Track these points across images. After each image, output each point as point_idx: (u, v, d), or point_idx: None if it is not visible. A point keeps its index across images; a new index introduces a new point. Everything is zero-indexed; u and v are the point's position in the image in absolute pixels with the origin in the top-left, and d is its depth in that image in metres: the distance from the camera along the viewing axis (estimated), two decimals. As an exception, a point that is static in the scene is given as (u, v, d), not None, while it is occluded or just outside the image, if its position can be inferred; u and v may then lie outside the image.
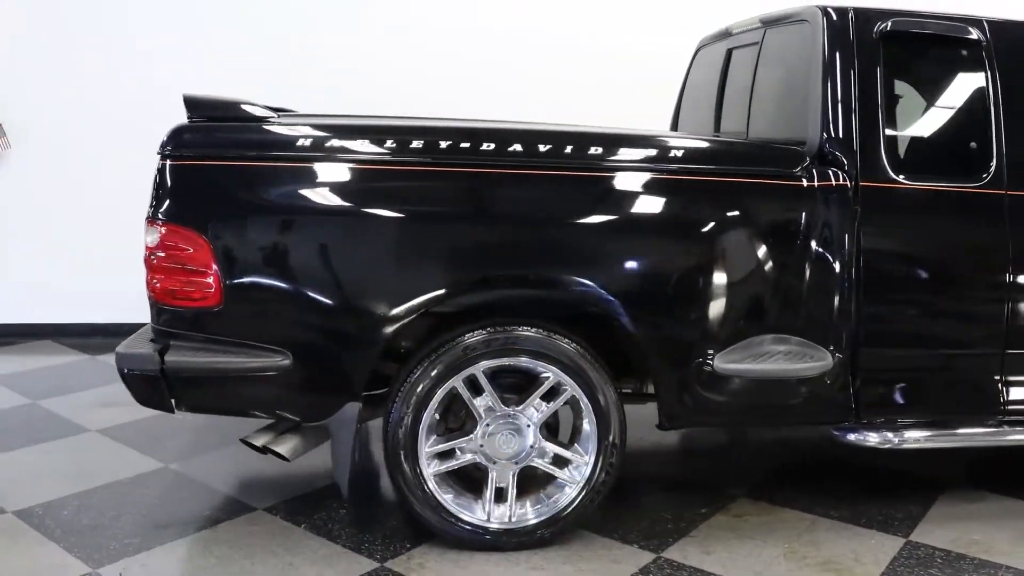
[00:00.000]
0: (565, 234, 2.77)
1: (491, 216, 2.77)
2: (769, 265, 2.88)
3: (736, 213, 2.85)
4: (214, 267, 2.64)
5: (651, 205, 2.82)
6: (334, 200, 2.70)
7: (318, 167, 2.69)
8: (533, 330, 2.78)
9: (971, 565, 2.87)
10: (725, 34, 3.83)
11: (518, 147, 2.74)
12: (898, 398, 3.09)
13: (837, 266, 2.90)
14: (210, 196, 2.70)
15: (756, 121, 3.44)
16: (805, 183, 2.88)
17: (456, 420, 2.92)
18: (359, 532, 2.98)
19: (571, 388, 2.81)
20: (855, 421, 3.05)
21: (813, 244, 2.89)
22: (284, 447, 2.87)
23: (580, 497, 2.86)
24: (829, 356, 2.92)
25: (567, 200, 2.76)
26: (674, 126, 4.28)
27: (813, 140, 2.97)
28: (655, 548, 2.92)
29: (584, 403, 2.83)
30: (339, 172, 2.70)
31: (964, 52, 3.10)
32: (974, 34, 3.08)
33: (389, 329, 2.69)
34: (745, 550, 2.93)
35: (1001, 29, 3.13)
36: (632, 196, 2.80)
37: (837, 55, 2.98)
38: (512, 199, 2.76)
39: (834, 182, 2.89)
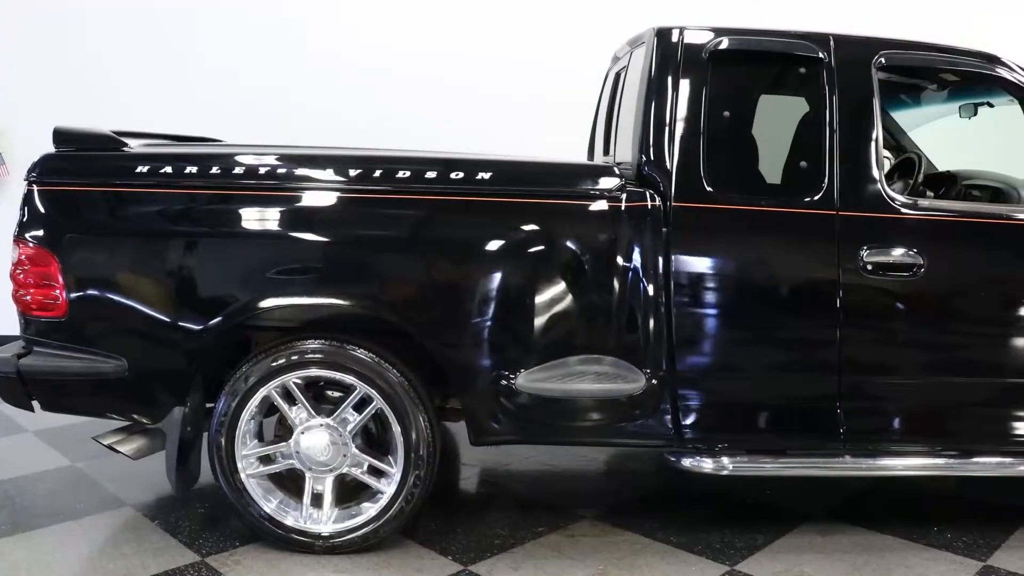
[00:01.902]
0: (356, 254, 2.88)
1: (288, 237, 2.90)
2: (579, 286, 2.90)
3: (545, 234, 2.89)
4: (60, 282, 2.94)
5: (453, 227, 2.90)
6: (156, 222, 2.93)
7: (146, 193, 2.93)
8: (329, 344, 2.91)
9: (783, 597, 2.79)
10: (615, 57, 3.87)
11: (313, 171, 2.90)
12: (725, 423, 3.04)
13: (650, 288, 2.89)
14: (61, 218, 2.99)
15: (619, 144, 3.46)
16: (616, 204, 2.90)
17: (282, 428, 3.09)
18: (202, 530, 3.19)
19: (376, 400, 2.93)
20: (678, 445, 3.03)
21: (625, 265, 2.89)
22: (128, 447, 3.12)
23: (391, 506, 2.96)
24: (643, 378, 2.91)
25: (364, 222, 2.89)
26: (591, 149, 4.32)
27: (633, 161, 2.99)
28: (466, 561, 2.97)
29: (389, 415, 2.93)
30: (163, 197, 2.92)
31: (803, 70, 3.03)
32: (815, 52, 3.01)
33: (203, 340, 2.90)
34: (555, 569, 2.94)
35: (848, 46, 3.05)
36: (433, 218, 2.89)
37: (661, 76, 2.99)
38: (308, 221, 2.89)
39: (646, 203, 2.90)
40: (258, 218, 2.92)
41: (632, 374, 2.92)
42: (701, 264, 2.93)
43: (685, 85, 2.96)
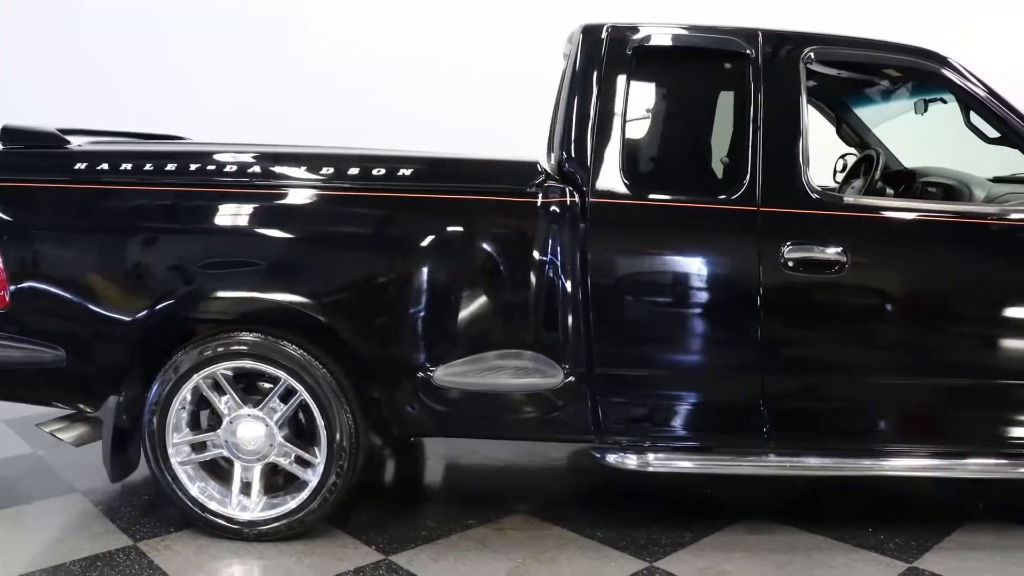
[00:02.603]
0: (282, 250, 2.93)
1: (219, 232, 2.97)
2: (498, 281, 2.93)
3: (462, 230, 2.92)
4: (3, 275, 3.05)
5: (374, 223, 2.95)
6: (92, 217, 3.01)
7: (83, 189, 3.02)
8: (256, 337, 2.97)
9: (693, 595, 2.79)
10: (564, 55, 3.87)
11: (243, 168, 2.96)
12: (646, 419, 3.04)
13: (568, 283, 2.91)
14: (5, 214, 3.12)
15: (555, 140, 3.47)
16: (534, 200, 2.91)
17: (214, 417, 3.17)
18: (141, 516, 3.28)
19: (300, 392, 2.99)
20: (599, 441, 3.04)
21: (543, 261, 2.91)
22: (69, 434, 3.22)
23: (315, 495, 3.01)
24: (562, 373, 2.93)
25: (288, 218, 2.94)
26: (549, 144, 4.32)
27: (556, 157, 3.00)
28: (388, 551, 3.01)
29: (312, 406, 2.99)
30: (99, 193, 3.01)
31: (729, 65, 3.02)
32: (742, 48, 2.99)
33: (137, 332, 2.98)
34: (475, 561, 2.97)
35: (777, 42, 3.03)
36: (353, 214, 2.94)
37: (583, 73, 3.01)
38: (237, 217, 2.95)
39: (564, 199, 2.91)
40: (190, 214, 2.99)
41: (551, 369, 2.93)
42: (618, 260, 2.94)
43: (607, 82, 2.97)
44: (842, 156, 4.36)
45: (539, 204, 2.90)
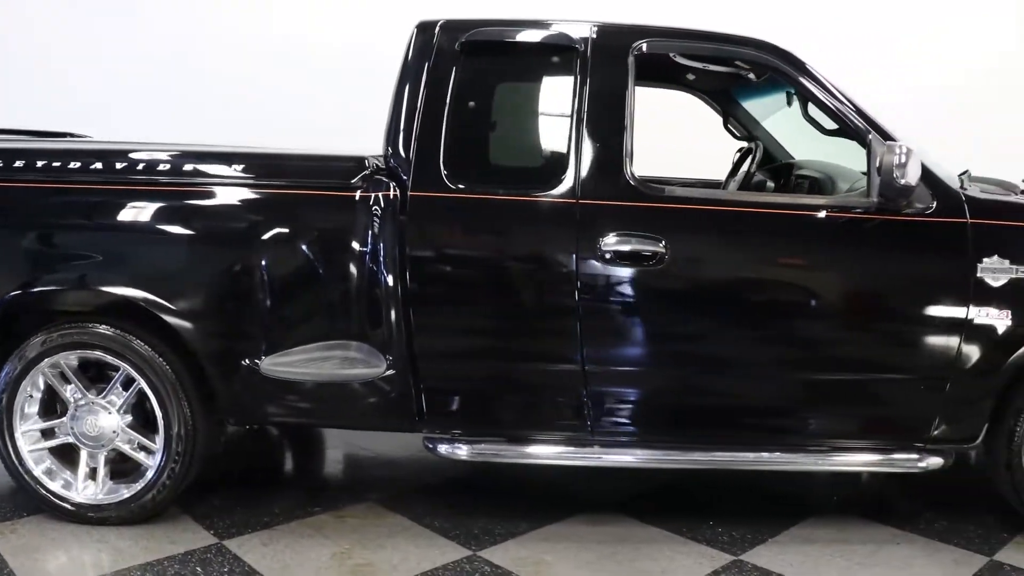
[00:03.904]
0: (120, 245, 3.01)
1: (62, 226, 3.06)
2: (322, 275, 2.99)
3: (288, 224, 2.98)
4: None
5: (205, 218, 3.00)
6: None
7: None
8: (104, 328, 3.04)
9: (507, 583, 2.83)
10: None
11: (84, 164, 3.03)
12: (468, 410, 3.08)
13: (389, 277, 2.95)
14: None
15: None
16: (356, 195, 2.96)
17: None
18: (2, 503, 3.39)
19: (139, 381, 3.07)
20: (427, 431, 3.09)
21: (365, 255, 2.96)
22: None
23: (155, 482, 3.10)
24: (385, 363, 2.98)
25: (123, 212, 2.99)
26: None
27: (384, 152, 3.05)
28: (224, 536, 3.09)
29: (150, 396, 3.07)
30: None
31: (556, 59, 3.04)
32: (570, 41, 3.01)
33: None
34: (304, 547, 3.03)
35: (607, 35, 3.04)
36: (186, 209, 3.00)
37: (411, 69, 3.04)
38: (77, 211, 3.04)
39: (387, 193, 2.95)
40: (46, 209, 3.07)
41: (375, 359, 2.99)
42: (437, 253, 2.98)
43: (433, 77, 3.00)
44: (739, 150, 4.34)
45: (359, 198, 2.95)
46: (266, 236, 2.98)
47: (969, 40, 5.95)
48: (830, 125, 3.18)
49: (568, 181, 2.92)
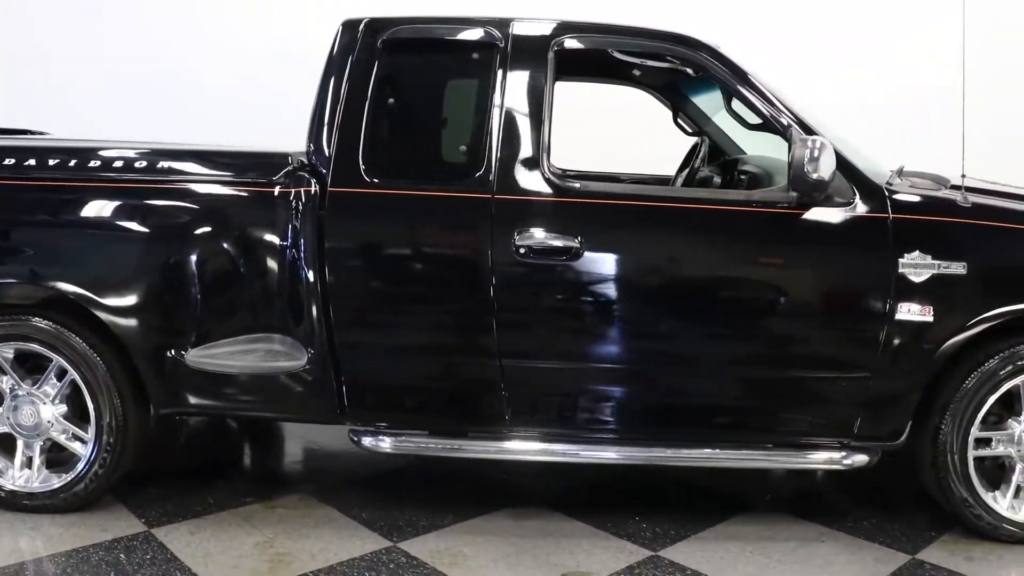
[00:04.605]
0: (50, 240, 3.08)
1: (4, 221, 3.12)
2: (245, 269, 3.04)
3: (213, 220, 3.04)
4: None
5: (133, 213, 3.05)
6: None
7: None
8: (40, 322, 3.11)
9: (421, 574, 2.84)
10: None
11: (19, 161, 3.09)
12: (388, 403, 3.12)
13: (309, 272, 2.99)
14: None
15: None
16: (280, 190, 3.01)
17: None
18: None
19: (71, 372, 3.14)
20: (351, 423, 3.13)
21: (287, 250, 3.01)
22: None
23: (87, 471, 3.17)
24: (306, 356, 3.02)
25: (53, 208, 3.08)
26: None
27: (306, 149, 3.08)
28: (154, 524, 3.15)
29: (82, 387, 3.14)
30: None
31: (476, 56, 3.06)
32: (490, 37, 3.03)
33: None
34: (229, 536, 3.08)
35: (528, 30, 3.05)
36: (115, 205, 3.05)
37: (334, 66, 3.08)
38: (15, 207, 3.10)
39: (308, 189, 2.99)
40: None
41: (297, 352, 3.03)
42: (355, 248, 3.02)
43: (355, 75, 3.04)
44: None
45: (281, 195, 2.99)
46: (191, 232, 3.04)
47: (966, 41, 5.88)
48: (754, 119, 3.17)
49: (484, 176, 2.94)
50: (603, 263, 2.94)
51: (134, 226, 3.06)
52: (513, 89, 2.98)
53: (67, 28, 6.46)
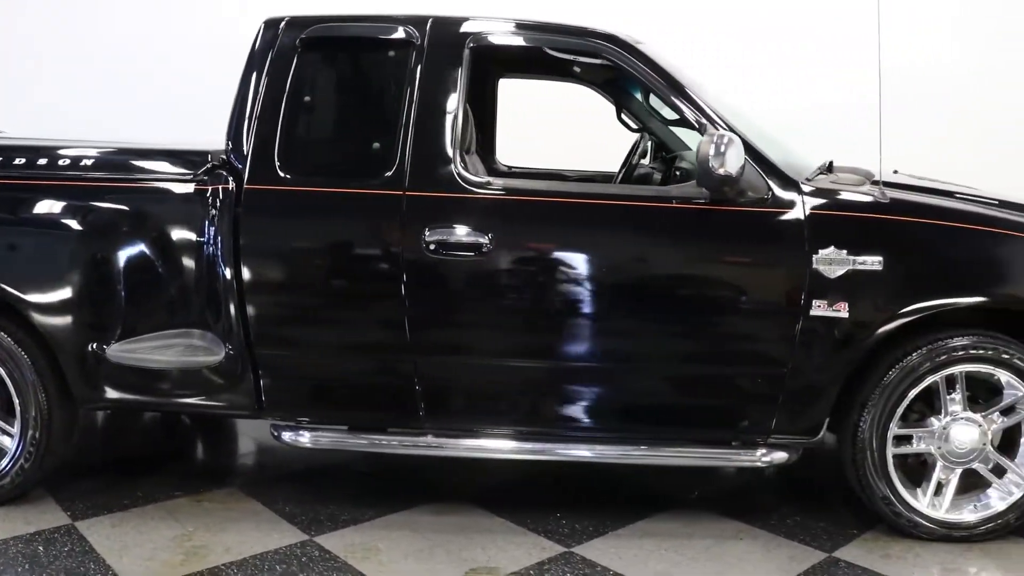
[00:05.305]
0: None
1: None
2: (165, 265, 3.08)
3: (133, 216, 3.09)
4: None
5: (56, 211, 3.09)
6: None
7: None
8: None
9: (331, 568, 2.85)
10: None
11: None
12: (306, 398, 3.15)
13: (226, 268, 3.02)
14: None
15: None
16: (197, 187, 3.04)
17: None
18: None
19: (-3, 366, 3.20)
20: (270, 417, 3.16)
21: (203, 246, 3.04)
22: None
23: (13, 464, 3.19)
24: (224, 351, 3.05)
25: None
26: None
27: (224, 146, 3.11)
28: (78, 517, 3.19)
29: (7, 381, 3.17)
30: None
31: (392, 53, 3.07)
32: (407, 35, 3.04)
33: None
34: (150, 528, 3.11)
35: (444, 28, 3.06)
36: (36, 202, 3.09)
37: (253, 64, 3.11)
38: None
39: (224, 186, 3.02)
40: None
41: (216, 347, 3.07)
42: (269, 244, 3.04)
43: (273, 72, 3.06)
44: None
45: (199, 192, 3.03)
46: (113, 229, 3.09)
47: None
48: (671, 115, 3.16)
49: (396, 173, 2.95)
50: (513, 259, 2.94)
51: (57, 223, 3.10)
52: (427, 87, 2.98)
53: (67, 28, 6.57)
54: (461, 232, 2.91)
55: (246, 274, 2.99)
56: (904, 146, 5.65)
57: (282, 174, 2.99)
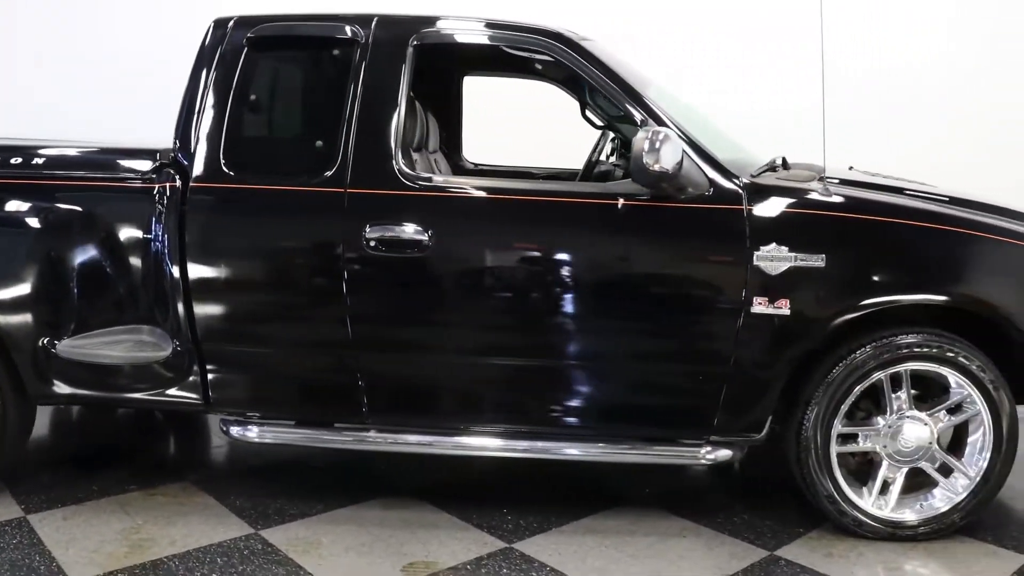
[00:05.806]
0: None
1: None
2: (114, 263, 3.12)
3: (82, 214, 3.12)
4: None
5: (7, 209, 3.13)
6: None
7: None
8: None
9: (271, 561, 2.88)
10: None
11: None
12: (252, 394, 3.18)
13: (172, 265, 3.05)
14: None
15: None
16: (144, 185, 3.08)
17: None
18: None
19: (-48, 363, 3.25)
20: (219, 412, 3.19)
21: (150, 243, 3.09)
22: None
23: (-24, 460, 3.28)
24: (171, 347, 3.09)
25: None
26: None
27: (172, 144, 3.15)
28: (31, 510, 3.23)
29: (-39, 374, 3.25)
30: None
31: (337, 52, 3.09)
32: (351, 34, 3.06)
33: None
34: (100, 522, 3.14)
35: (389, 26, 3.09)
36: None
37: (201, 63, 3.14)
38: None
39: (172, 184, 3.06)
40: None
41: (164, 343, 3.10)
42: (214, 242, 3.07)
43: (219, 72, 3.09)
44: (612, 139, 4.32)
45: (146, 190, 3.07)
46: (63, 226, 3.13)
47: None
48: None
49: (338, 170, 2.97)
50: (453, 256, 2.96)
51: (9, 221, 3.15)
52: (370, 85, 3.00)
53: (67, 28, 6.64)
54: (401, 229, 2.93)
55: (192, 271, 3.03)
56: (904, 146, 5.65)
57: (227, 171, 3.03)
